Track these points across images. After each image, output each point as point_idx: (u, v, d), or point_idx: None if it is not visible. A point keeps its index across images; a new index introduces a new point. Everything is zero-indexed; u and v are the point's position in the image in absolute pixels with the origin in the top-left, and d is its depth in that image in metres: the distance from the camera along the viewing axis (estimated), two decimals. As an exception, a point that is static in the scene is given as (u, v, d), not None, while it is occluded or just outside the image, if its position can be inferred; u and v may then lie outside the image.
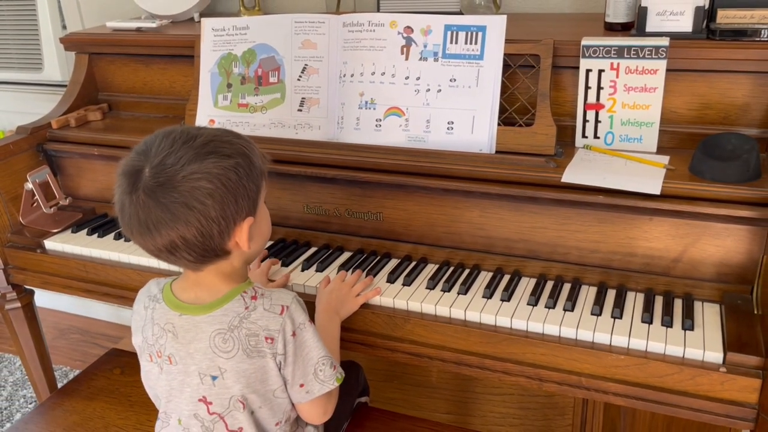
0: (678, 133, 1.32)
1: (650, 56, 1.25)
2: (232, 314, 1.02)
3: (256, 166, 1.01)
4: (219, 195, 0.95)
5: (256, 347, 1.01)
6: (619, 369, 1.11)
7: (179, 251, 0.97)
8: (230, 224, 0.98)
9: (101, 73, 1.82)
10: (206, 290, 1.04)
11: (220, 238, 0.98)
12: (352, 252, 1.45)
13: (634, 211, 1.21)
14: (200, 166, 0.94)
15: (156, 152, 0.96)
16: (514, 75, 1.36)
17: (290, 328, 1.02)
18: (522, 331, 1.18)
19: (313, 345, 1.04)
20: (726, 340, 1.08)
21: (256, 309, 1.02)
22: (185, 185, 0.93)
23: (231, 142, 1.00)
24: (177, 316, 1.04)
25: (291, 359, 1.03)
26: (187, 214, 0.94)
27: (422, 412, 1.86)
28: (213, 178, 0.95)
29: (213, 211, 0.95)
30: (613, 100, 1.31)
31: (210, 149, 0.96)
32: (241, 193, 0.98)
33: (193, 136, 0.97)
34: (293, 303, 1.04)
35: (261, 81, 1.51)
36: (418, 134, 1.39)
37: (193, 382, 1.04)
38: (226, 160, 0.97)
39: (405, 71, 1.39)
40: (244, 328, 1.01)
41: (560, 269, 1.30)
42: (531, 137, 1.32)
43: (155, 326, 1.06)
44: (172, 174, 0.94)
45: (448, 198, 1.35)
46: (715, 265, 1.19)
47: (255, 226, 1.03)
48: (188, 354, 1.03)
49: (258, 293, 1.04)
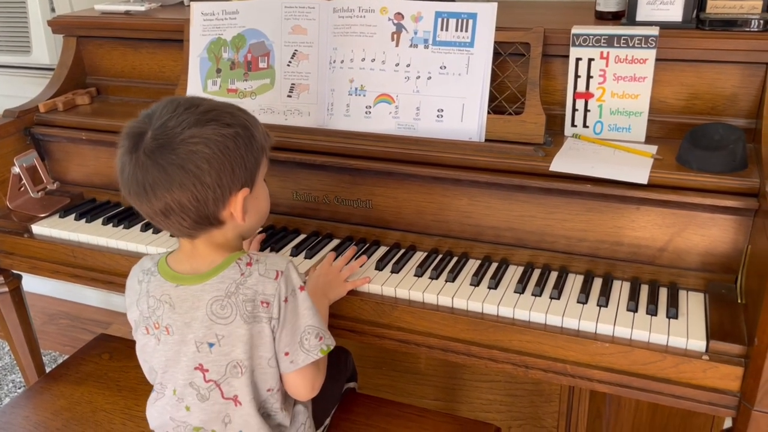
0: (666, 123, 1.32)
1: (640, 45, 1.25)
2: (229, 281, 1.03)
3: (256, 139, 1.03)
4: (216, 161, 0.97)
5: (252, 312, 1.02)
6: (604, 357, 1.12)
7: (174, 215, 0.99)
8: (225, 192, 1.00)
9: (89, 56, 1.81)
10: (201, 261, 1.06)
11: (214, 206, 1.00)
12: (342, 239, 1.45)
13: (621, 200, 1.21)
14: (200, 131, 0.96)
15: (159, 116, 0.99)
16: (504, 63, 1.36)
17: (284, 293, 1.03)
18: (508, 318, 1.19)
19: (303, 313, 1.05)
20: (709, 329, 1.10)
21: (251, 275, 1.03)
22: (183, 148, 0.95)
23: (233, 114, 1.02)
24: (173, 287, 1.05)
25: (281, 324, 1.04)
26: (182, 176, 0.95)
27: (410, 398, 1.88)
28: (211, 144, 0.97)
29: (208, 177, 0.97)
30: (602, 89, 1.31)
31: (211, 117, 0.98)
32: (239, 162, 1.00)
33: (197, 104, 1.00)
34: (288, 268, 1.05)
35: (250, 66, 1.50)
36: (408, 122, 1.38)
37: (190, 351, 1.05)
38: (225, 128, 0.99)
39: (395, 58, 1.38)
40: (240, 293, 1.02)
41: (547, 257, 1.31)
42: (520, 126, 1.32)
43: (150, 298, 1.07)
44: (171, 136, 0.96)
45: (437, 186, 1.35)
46: (700, 254, 1.20)
47: (251, 199, 1.05)
48: (185, 324, 1.04)
49: (253, 259, 1.05)
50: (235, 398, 1.06)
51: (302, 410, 1.19)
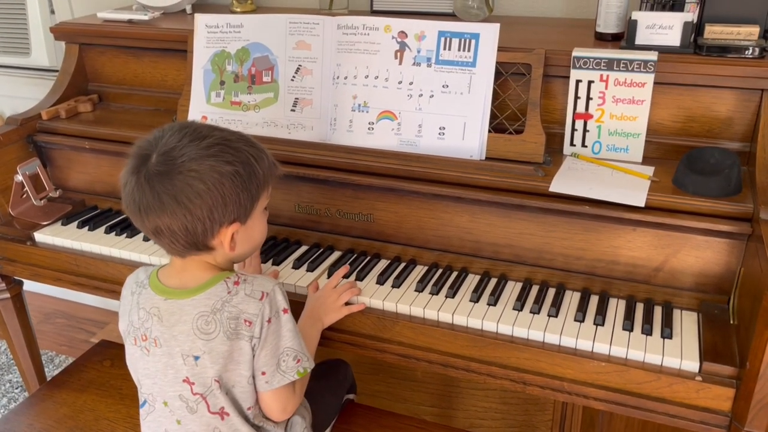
0: (663, 145, 1.35)
1: (639, 69, 1.28)
2: (215, 298, 1.06)
3: (257, 176, 1.05)
4: (209, 197, 1.01)
5: (235, 329, 1.05)
6: (600, 375, 1.15)
7: (164, 237, 1.04)
8: (215, 225, 1.03)
9: (91, 63, 1.81)
10: (190, 277, 1.09)
11: (203, 236, 1.04)
12: (342, 252, 1.48)
13: (618, 221, 1.24)
14: (198, 165, 1.00)
15: (166, 142, 1.02)
16: (506, 83, 1.38)
17: (267, 314, 1.06)
18: (507, 336, 1.22)
19: (284, 335, 1.08)
20: (702, 349, 1.13)
21: (238, 293, 1.06)
22: (180, 180, 0.99)
23: (238, 149, 1.04)
24: (162, 301, 1.08)
25: (262, 345, 1.06)
26: (174, 207, 1.00)
27: (407, 405, 1.91)
28: (207, 180, 1.00)
29: (199, 211, 1.01)
30: (601, 110, 1.33)
31: (213, 152, 1.01)
32: (233, 200, 1.03)
33: (204, 136, 1.03)
34: (274, 290, 1.07)
35: (254, 80, 1.52)
36: (410, 138, 1.41)
37: (177, 363, 1.07)
38: (225, 165, 1.02)
39: (398, 75, 1.40)
40: (225, 311, 1.05)
41: (545, 274, 1.34)
42: (520, 145, 1.34)
43: (141, 310, 1.10)
44: (171, 167, 1.00)
45: (438, 202, 1.37)
46: (694, 275, 1.23)
47: (243, 233, 1.08)
48: (172, 336, 1.07)
49: (241, 279, 1.08)
50: (221, 411, 1.08)
51: (299, 421, 1.21)
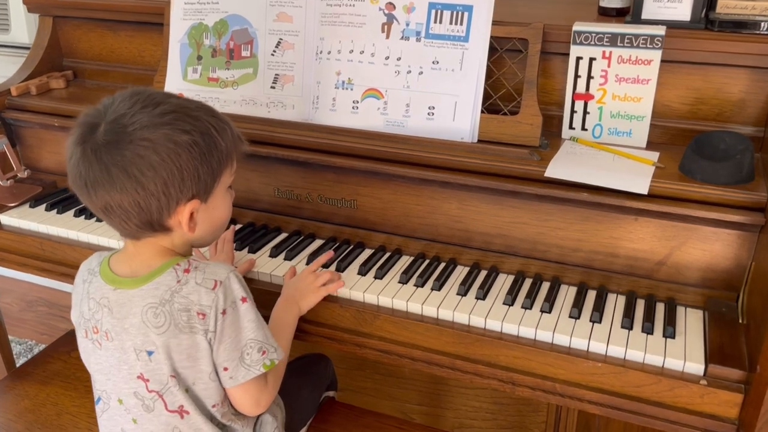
0: (669, 129, 1.25)
1: (645, 46, 1.18)
2: (164, 288, 0.96)
3: (218, 149, 0.96)
4: (163, 169, 0.91)
5: (188, 323, 0.95)
6: (595, 377, 1.06)
7: (114, 216, 0.94)
8: (172, 202, 0.93)
9: (66, 37, 1.72)
10: (140, 263, 0.99)
11: (158, 214, 0.94)
12: (324, 240, 1.38)
13: (619, 210, 1.15)
14: (151, 134, 0.90)
15: (115, 109, 0.92)
16: (501, 59, 1.28)
17: (221, 305, 0.96)
18: (496, 332, 1.12)
19: (245, 326, 0.97)
20: (708, 351, 1.03)
21: (188, 283, 0.96)
22: (130, 150, 0.89)
23: (197, 118, 0.94)
24: (111, 291, 0.98)
25: (219, 338, 0.96)
26: (123, 180, 0.90)
27: (393, 402, 1.82)
28: (161, 150, 0.90)
29: (152, 185, 0.91)
30: (603, 90, 1.23)
31: (168, 120, 0.91)
32: (191, 174, 0.93)
33: (157, 103, 0.93)
34: (228, 278, 0.97)
35: (233, 54, 1.42)
36: (397, 118, 1.31)
37: (130, 359, 0.98)
38: (181, 135, 0.92)
39: (385, 50, 1.30)
40: (175, 302, 0.95)
41: (539, 267, 1.24)
42: (515, 127, 1.24)
43: (91, 301, 1.00)
44: (121, 136, 0.90)
45: (426, 188, 1.28)
46: (700, 269, 1.14)
47: (204, 212, 0.98)
48: (123, 329, 0.97)
49: (192, 266, 0.98)
50: (180, 409, 0.99)
51: (269, 420, 1.12)
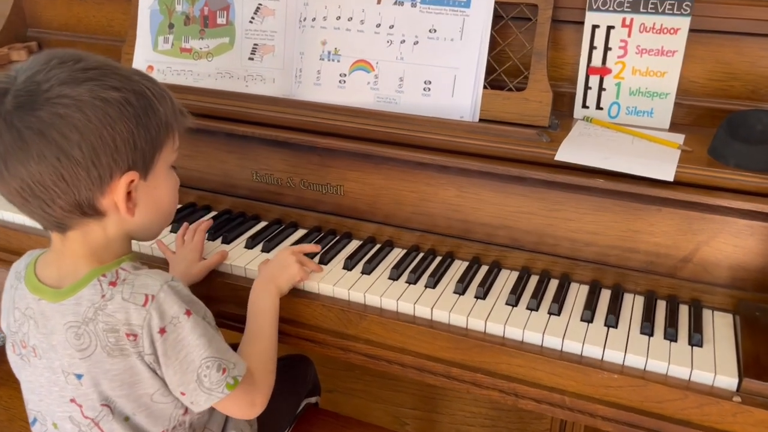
0: (695, 108, 1.12)
1: (671, 12, 1.03)
2: (87, 304, 0.81)
3: (157, 113, 0.81)
4: (90, 132, 0.75)
5: (117, 345, 0.81)
6: (610, 389, 0.92)
7: (34, 198, 0.77)
8: (104, 174, 0.77)
9: (30, 5, 1.58)
10: (67, 267, 0.84)
11: (88, 190, 0.78)
12: (308, 229, 1.25)
13: (639, 199, 1.01)
14: (72, 90, 0.75)
15: (25, 70, 0.77)
16: (506, 28, 1.14)
17: (157, 324, 0.81)
18: (498, 336, 0.99)
19: (191, 344, 0.82)
20: (742, 362, 0.90)
21: (113, 298, 0.81)
22: (47, 110, 0.74)
23: (128, 77, 0.79)
24: (35, 301, 0.84)
25: (163, 360, 0.82)
26: (42, 145, 0.74)
27: (385, 405, 1.69)
28: (86, 108, 0.75)
29: (78, 150, 0.75)
30: (622, 64, 1.09)
31: (92, 75, 0.76)
32: (125, 138, 0.77)
33: (78, 59, 0.78)
34: (162, 291, 0.81)
35: (207, 22, 1.28)
36: (389, 94, 1.17)
37: (60, 381, 0.85)
38: (110, 91, 0.76)
39: (376, 17, 1.16)
40: (100, 321, 0.81)
41: (547, 262, 1.11)
42: (522, 104, 1.10)
43: (16, 311, 0.87)
44: (35, 96, 0.74)
45: (421, 172, 1.14)
46: (731, 268, 1.00)
47: (146, 189, 0.83)
48: (51, 347, 0.84)
49: (120, 278, 0.83)
50: None
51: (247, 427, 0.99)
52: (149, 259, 1.16)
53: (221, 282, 1.12)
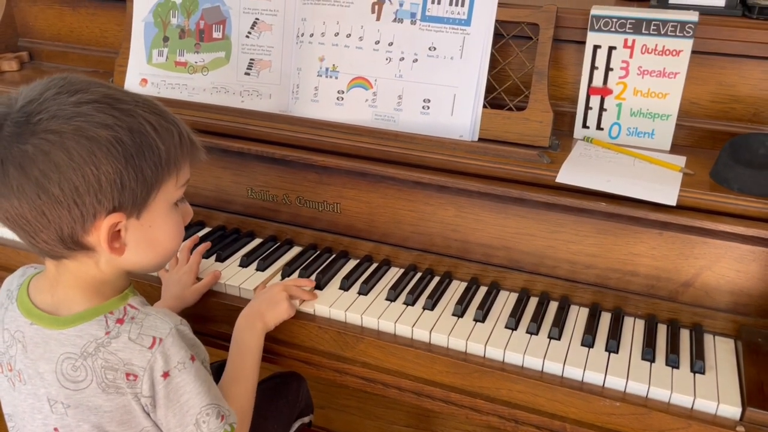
0: (697, 130, 1.11)
1: (674, 34, 1.02)
2: (88, 338, 0.79)
3: (154, 152, 0.76)
4: (72, 173, 0.72)
5: (114, 382, 0.78)
6: (612, 417, 0.91)
7: (18, 229, 0.76)
8: (87, 214, 0.74)
9: (22, 14, 1.55)
10: (62, 296, 0.82)
11: (69, 228, 0.74)
12: (303, 247, 1.23)
13: (641, 222, 1.00)
14: (61, 126, 0.71)
15: (25, 95, 0.74)
16: (507, 47, 1.13)
17: (161, 367, 0.78)
18: (497, 361, 0.97)
19: (193, 390, 0.80)
20: (745, 391, 0.89)
21: (119, 336, 0.78)
22: (32, 144, 0.71)
23: (128, 112, 0.75)
24: (27, 325, 0.81)
25: (163, 403, 0.80)
26: (21, 182, 0.72)
27: (379, 423, 1.67)
28: (71, 147, 0.71)
29: (57, 190, 0.72)
30: (623, 84, 1.08)
31: (86, 110, 0.72)
32: (111, 179, 0.73)
33: (77, 90, 0.74)
34: (171, 335, 0.79)
35: (203, 36, 1.26)
36: (388, 112, 1.15)
37: (44, 408, 0.82)
38: (99, 129, 0.72)
39: (375, 34, 1.14)
40: (100, 358, 0.78)
41: (546, 284, 1.09)
42: (522, 124, 1.09)
43: (5, 332, 0.84)
44: (24, 128, 0.71)
45: (419, 191, 1.12)
46: (733, 293, 0.99)
47: (138, 230, 0.79)
48: (38, 373, 0.81)
49: (128, 316, 0.80)
50: None
51: None
52: (139, 276, 1.13)
53: (215, 302, 1.10)
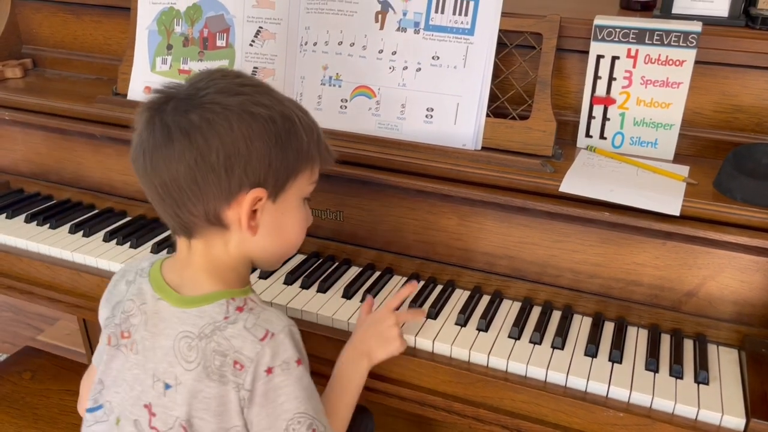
0: (700, 139, 1.11)
1: (677, 44, 1.03)
2: (208, 319, 0.81)
3: (299, 141, 0.81)
4: (230, 140, 0.76)
5: (220, 369, 0.79)
6: (616, 428, 0.91)
7: (168, 198, 0.79)
8: (233, 184, 0.78)
9: (26, 22, 1.55)
10: (191, 276, 0.85)
11: (216, 199, 0.78)
12: (306, 255, 1.23)
13: (644, 232, 1.00)
14: (225, 99, 0.77)
15: (191, 80, 0.81)
16: (510, 56, 1.13)
17: (267, 362, 0.79)
18: (500, 371, 0.97)
19: (292, 394, 0.80)
20: (749, 402, 0.88)
21: (235, 323, 0.80)
22: (198, 113, 0.77)
23: (281, 101, 0.81)
24: (155, 299, 0.84)
25: (258, 401, 0.79)
26: (184, 145, 0.76)
27: None
28: (232, 118, 0.77)
29: (214, 156, 0.76)
30: (626, 94, 1.08)
31: (247, 90, 0.79)
32: (260, 155, 0.78)
33: (239, 74, 0.83)
34: (283, 332, 0.80)
35: (207, 44, 1.26)
36: (391, 121, 1.15)
37: (147, 382, 0.83)
38: (258, 107, 0.78)
39: (379, 43, 1.15)
40: (213, 341, 0.80)
41: (549, 293, 1.09)
42: (525, 133, 1.09)
43: (128, 302, 0.86)
44: (192, 98, 0.78)
45: (422, 200, 1.12)
46: (736, 303, 0.99)
47: (272, 214, 0.83)
48: (153, 347, 0.83)
49: (247, 306, 0.83)
50: None
51: None
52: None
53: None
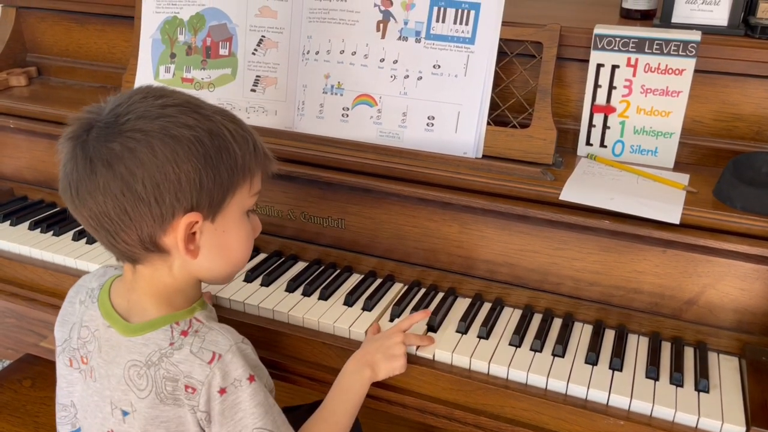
0: (699, 147, 1.11)
1: (676, 53, 1.03)
2: (153, 347, 0.81)
3: (231, 157, 0.79)
4: (156, 169, 0.74)
5: (173, 393, 0.80)
6: (616, 436, 0.91)
7: (101, 228, 0.78)
8: (166, 212, 0.76)
9: (30, 30, 1.57)
10: (137, 302, 0.85)
11: (149, 227, 0.77)
12: (308, 262, 1.23)
13: (644, 240, 1.00)
14: (146, 125, 0.75)
15: (114, 101, 0.79)
16: (511, 65, 1.13)
17: (219, 383, 0.79)
18: (501, 379, 0.98)
19: (248, 410, 0.80)
20: (749, 410, 0.89)
21: (181, 348, 0.80)
22: (119, 142, 0.74)
23: (207, 117, 0.78)
24: (105, 327, 0.85)
25: (217, 419, 0.80)
26: (108, 179, 0.74)
27: (382, 438, 1.66)
28: (155, 144, 0.74)
29: (140, 186, 0.75)
30: (626, 102, 1.09)
31: (170, 112, 0.76)
32: (191, 177, 0.76)
33: (161, 95, 0.79)
34: (230, 352, 0.81)
35: (210, 53, 1.27)
36: (392, 129, 1.16)
37: (106, 409, 0.84)
38: (181, 129, 0.75)
39: (380, 52, 1.15)
40: (162, 368, 0.80)
41: (550, 301, 1.09)
42: (526, 142, 1.10)
43: (84, 329, 0.87)
44: (112, 128, 0.75)
45: (423, 208, 1.13)
46: (737, 311, 0.99)
47: (212, 235, 0.81)
48: (107, 375, 0.84)
49: (192, 329, 0.82)
50: None
51: None
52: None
53: (219, 317, 1.10)
